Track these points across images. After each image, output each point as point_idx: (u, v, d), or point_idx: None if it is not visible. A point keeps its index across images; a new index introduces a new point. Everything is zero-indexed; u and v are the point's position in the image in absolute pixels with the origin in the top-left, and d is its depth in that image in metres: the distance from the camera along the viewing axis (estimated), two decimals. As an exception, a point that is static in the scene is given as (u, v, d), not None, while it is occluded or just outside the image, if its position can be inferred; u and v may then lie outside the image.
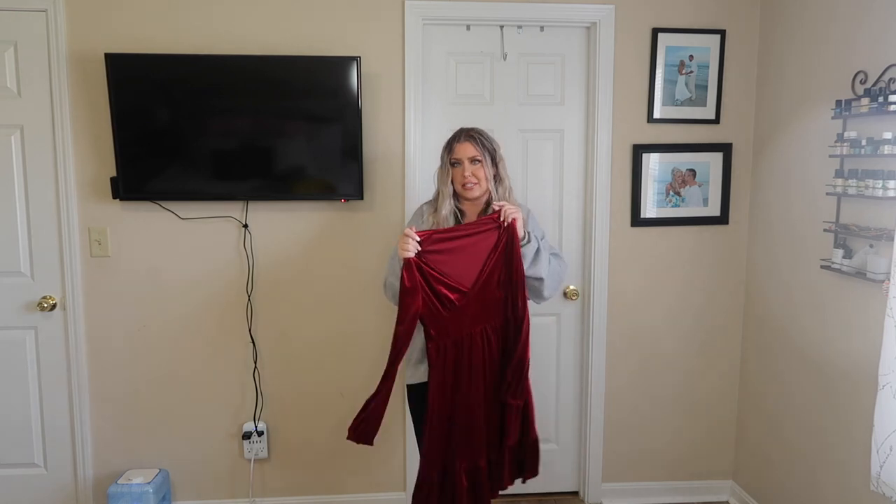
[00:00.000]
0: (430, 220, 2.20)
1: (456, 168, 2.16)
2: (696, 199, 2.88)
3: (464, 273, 2.05)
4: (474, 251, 2.07)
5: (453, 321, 2.06)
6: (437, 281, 2.03)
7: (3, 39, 2.55)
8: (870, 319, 2.14)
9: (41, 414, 2.75)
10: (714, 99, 2.81)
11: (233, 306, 2.77)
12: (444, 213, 2.18)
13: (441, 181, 2.21)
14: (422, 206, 2.31)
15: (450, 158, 2.18)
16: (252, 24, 2.63)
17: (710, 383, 3.01)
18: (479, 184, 2.15)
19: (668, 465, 3.06)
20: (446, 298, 2.04)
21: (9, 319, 2.69)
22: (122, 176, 2.56)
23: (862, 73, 2.19)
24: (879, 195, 2.05)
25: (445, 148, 2.21)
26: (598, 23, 2.74)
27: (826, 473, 2.40)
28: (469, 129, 2.19)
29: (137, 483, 2.65)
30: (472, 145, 2.15)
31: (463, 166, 2.14)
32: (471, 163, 2.14)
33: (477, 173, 2.14)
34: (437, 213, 2.19)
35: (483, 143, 2.15)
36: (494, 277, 2.08)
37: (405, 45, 2.68)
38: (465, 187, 2.15)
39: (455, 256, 2.05)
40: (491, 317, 2.11)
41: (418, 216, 2.27)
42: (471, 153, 2.14)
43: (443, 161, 2.21)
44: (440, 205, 2.19)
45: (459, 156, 2.15)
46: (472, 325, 2.09)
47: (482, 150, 2.15)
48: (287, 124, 2.60)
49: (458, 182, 2.16)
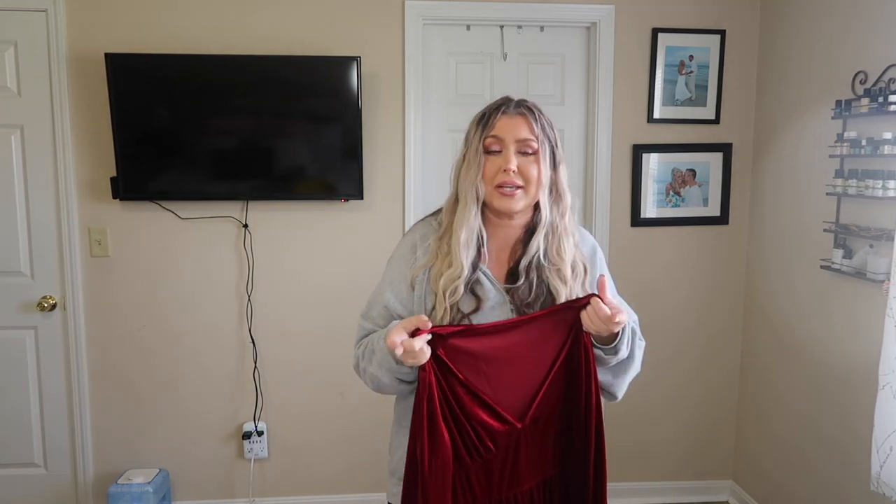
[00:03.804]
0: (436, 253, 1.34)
1: (492, 157, 1.31)
2: (696, 199, 2.88)
3: (510, 392, 1.23)
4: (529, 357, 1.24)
5: (488, 475, 1.25)
6: (471, 397, 1.20)
7: (3, 39, 2.55)
8: (870, 319, 2.14)
9: (41, 414, 2.74)
10: (714, 99, 2.81)
11: (233, 306, 2.77)
12: (463, 236, 1.30)
13: (464, 178, 1.32)
14: (415, 231, 1.42)
15: (484, 138, 1.30)
16: (252, 24, 2.63)
17: (710, 383, 3.01)
18: (527, 189, 1.30)
19: (668, 465, 3.06)
20: (484, 432, 1.22)
21: (9, 319, 2.68)
22: (122, 176, 2.56)
23: (862, 73, 2.18)
24: (879, 195, 2.05)
25: (478, 123, 1.33)
26: (598, 23, 2.74)
27: (826, 473, 2.40)
28: (521, 99, 1.35)
29: (137, 483, 2.64)
30: (525, 122, 1.30)
31: (505, 154, 1.29)
32: (519, 152, 1.30)
33: (526, 171, 1.29)
34: (452, 236, 1.32)
35: (543, 124, 1.32)
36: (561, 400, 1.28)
37: (405, 45, 2.68)
38: (501, 190, 1.29)
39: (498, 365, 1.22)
40: (548, 465, 1.31)
41: (409, 250, 1.38)
42: (523, 134, 1.29)
43: (469, 144, 1.33)
44: (459, 222, 1.31)
45: (503, 134, 1.29)
46: (518, 481, 1.28)
47: (542, 134, 1.31)
48: (287, 124, 2.60)
49: (493, 180, 1.30)
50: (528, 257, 1.33)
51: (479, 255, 1.33)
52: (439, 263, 1.32)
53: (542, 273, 1.33)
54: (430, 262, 1.33)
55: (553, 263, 1.33)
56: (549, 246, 1.34)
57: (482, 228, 1.34)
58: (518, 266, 1.34)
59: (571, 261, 1.35)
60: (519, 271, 1.33)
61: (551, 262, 1.33)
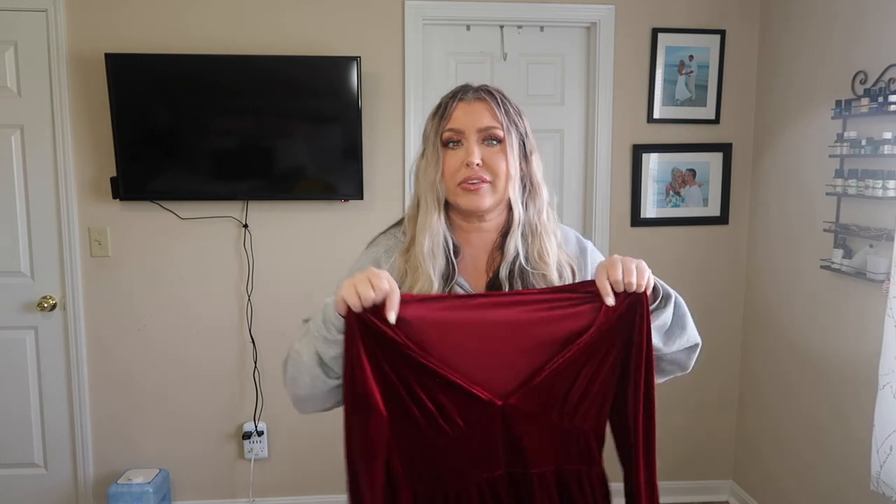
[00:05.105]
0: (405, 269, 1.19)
1: (452, 151, 1.17)
2: (696, 199, 2.88)
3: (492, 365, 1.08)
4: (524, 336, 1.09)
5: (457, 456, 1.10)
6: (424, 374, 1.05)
7: (3, 39, 2.54)
8: (870, 319, 2.14)
9: (41, 414, 2.74)
10: (714, 99, 2.81)
11: (233, 306, 2.77)
12: (427, 244, 1.16)
13: (423, 179, 1.19)
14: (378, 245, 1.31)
15: (442, 131, 1.17)
16: (252, 24, 2.63)
17: (710, 383, 3.01)
18: (495, 184, 1.17)
19: (668, 465, 3.05)
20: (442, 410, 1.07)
21: (9, 319, 2.68)
22: (122, 176, 2.56)
23: (862, 73, 2.18)
24: (879, 195, 2.05)
25: (434, 115, 1.20)
26: (598, 23, 2.74)
27: (826, 473, 2.40)
28: (482, 84, 1.22)
29: (137, 483, 2.64)
30: (487, 108, 1.17)
31: (467, 146, 1.16)
32: (483, 142, 1.16)
33: (492, 163, 1.16)
34: (413, 248, 1.18)
35: (508, 109, 1.19)
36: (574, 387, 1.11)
37: (405, 45, 2.68)
38: (465, 186, 1.15)
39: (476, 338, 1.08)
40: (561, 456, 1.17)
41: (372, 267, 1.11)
42: (484, 121, 1.16)
43: (426, 140, 1.21)
44: (421, 229, 1.18)
45: (462, 124, 1.16)
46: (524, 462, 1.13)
47: (506, 120, 1.17)
48: (287, 124, 2.60)
49: (455, 176, 1.16)
50: (507, 263, 1.19)
51: (450, 266, 1.17)
52: (409, 281, 1.16)
53: (526, 280, 1.18)
54: (399, 281, 1.16)
55: (536, 268, 1.19)
56: (530, 248, 1.20)
57: (448, 234, 1.19)
58: (498, 275, 1.19)
59: (556, 263, 1.21)
60: (500, 280, 1.18)
61: (534, 266, 1.19)
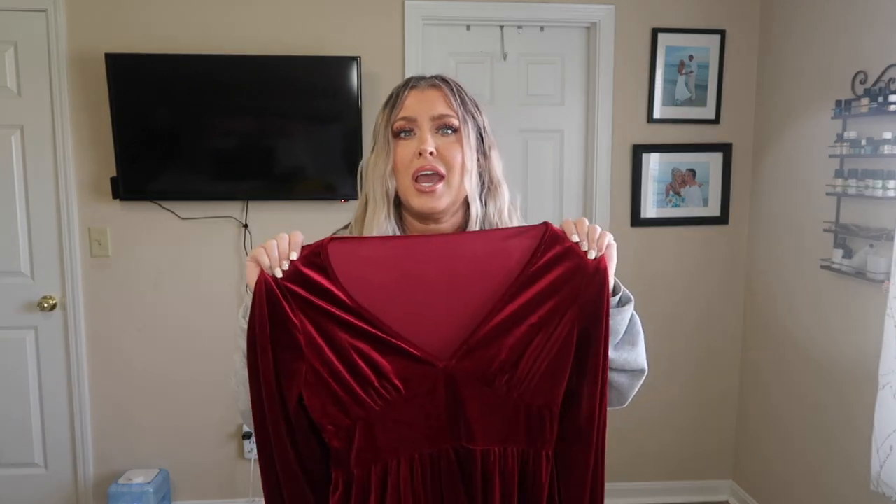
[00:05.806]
0: None
1: (404, 141, 1.09)
2: (696, 199, 2.88)
3: (434, 322, 0.99)
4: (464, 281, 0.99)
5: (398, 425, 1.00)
6: (350, 331, 0.97)
7: (3, 39, 2.55)
8: (870, 319, 2.14)
9: (41, 414, 2.74)
10: (714, 99, 2.81)
11: (233, 306, 2.77)
12: None
13: (372, 173, 1.13)
14: None
15: (393, 122, 1.10)
16: (252, 24, 2.63)
17: (711, 383, 3.01)
18: (450, 178, 1.08)
19: (668, 465, 3.06)
20: (379, 372, 0.98)
21: (9, 319, 2.68)
22: (123, 176, 2.56)
23: (862, 73, 2.19)
24: (879, 195, 2.05)
25: (385, 105, 1.13)
26: (598, 23, 2.74)
27: (826, 473, 2.40)
28: (437, 74, 1.16)
29: (137, 483, 2.64)
30: (441, 96, 1.10)
31: (420, 135, 1.08)
32: (437, 131, 1.09)
33: (447, 154, 1.08)
34: None
35: (464, 98, 1.12)
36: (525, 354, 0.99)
37: (405, 45, 2.68)
38: (419, 186, 1.08)
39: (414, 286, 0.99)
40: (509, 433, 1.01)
41: None
42: (438, 109, 1.09)
43: (377, 133, 1.13)
44: (368, 228, 1.16)
45: (414, 112, 1.09)
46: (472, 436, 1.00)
47: (462, 109, 1.10)
48: (287, 124, 2.60)
49: (407, 168, 1.08)
50: None
51: None
52: None
53: None
54: None
55: None
56: None
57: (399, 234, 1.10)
58: None
59: None
60: None
61: None
